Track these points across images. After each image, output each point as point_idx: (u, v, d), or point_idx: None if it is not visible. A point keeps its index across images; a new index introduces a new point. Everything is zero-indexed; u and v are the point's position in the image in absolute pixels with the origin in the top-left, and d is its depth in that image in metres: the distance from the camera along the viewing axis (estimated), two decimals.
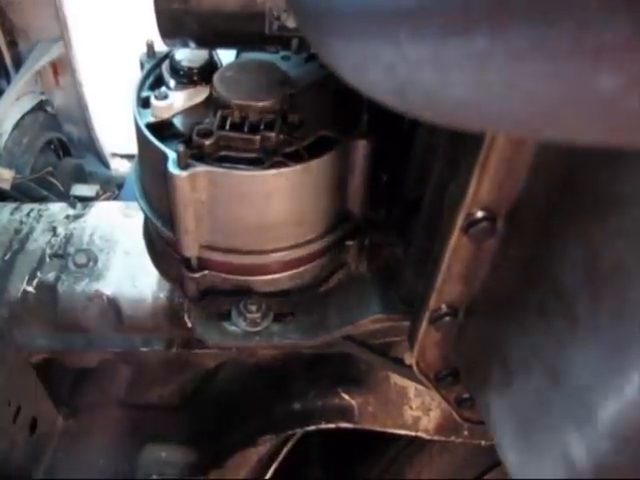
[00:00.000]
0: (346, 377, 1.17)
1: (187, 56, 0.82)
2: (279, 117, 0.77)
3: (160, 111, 0.79)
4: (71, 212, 1.22)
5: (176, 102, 0.79)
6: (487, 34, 0.26)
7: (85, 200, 1.54)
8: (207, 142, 0.75)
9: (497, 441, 0.61)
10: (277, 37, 0.73)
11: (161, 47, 0.82)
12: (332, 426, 1.14)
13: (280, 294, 0.88)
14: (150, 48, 0.85)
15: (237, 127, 0.76)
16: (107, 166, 2.25)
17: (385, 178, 0.90)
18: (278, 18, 0.71)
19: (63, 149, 2.13)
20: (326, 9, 0.33)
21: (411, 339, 0.74)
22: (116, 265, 1.12)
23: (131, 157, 2.17)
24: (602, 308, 0.45)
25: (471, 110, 0.29)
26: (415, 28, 0.28)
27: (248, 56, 0.85)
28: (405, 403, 1.15)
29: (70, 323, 1.09)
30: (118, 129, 2.06)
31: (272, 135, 0.75)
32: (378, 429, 1.15)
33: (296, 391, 1.19)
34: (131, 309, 1.09)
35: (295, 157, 0.76)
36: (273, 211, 0.78)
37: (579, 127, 0.27)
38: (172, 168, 0.72)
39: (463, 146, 0.56)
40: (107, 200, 1.84)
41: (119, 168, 2.25)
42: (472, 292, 0.65)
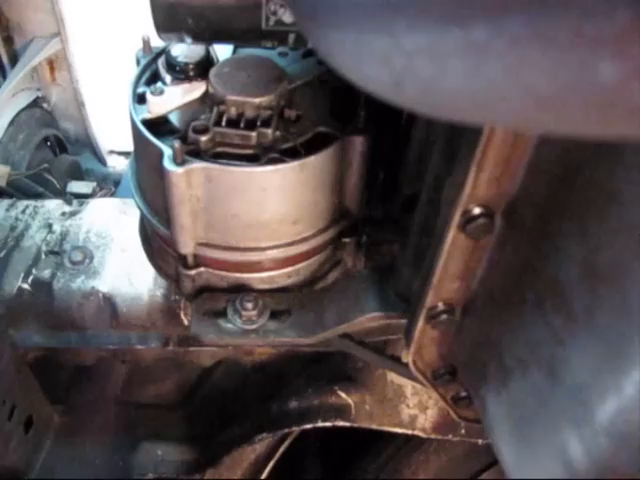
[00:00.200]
0: (343, 375, 1.17)
1: (183, 52, 0.81)
2: (276, 113, 0.77)
3: (156, 107, 0.78)
4: (67, 209, 1.22)
5: (172, 98, 0.79)
6: (485, 24, 0.25)
7: (81, 197, 1.54)
8: (203, 138, 0.74)
9: (494, 440, 0.60)
10: (274, 32, 0.73)
11: (157, 43, 0.81)
12: (329, 425, 1.13)
13: (276, 291, 0.88)
14: (146, 44, 0.85)
15: (233, 123, 0.76)
16: (103, 163, 2.25)
17: (382, 175, 0.90)
18: (275, 13, 0.70)
19: (59, 146, 2.13)
20: (322, 0, 0.33)
21: (408, 337, 0.73)
22: (112, 262, 1.12)
23: (128, 154, 2.17)
24: (600, 305, 0.44)
25: (468, 101, 0.28)
26: (411, 18, 0.27)
27: (245, 52, 0.85)
28: (402, 401, 1.15)
29: (66, 320, 1.09)
30: (115, 126, 2.06)
31: (268, 131, 0.75)
32: (375, 427, 1.14)
33: (293, 389, 1.19)
34: (127, 306, 1.08)
35: (292, 153, 0.75)
36: (269, 208, 0.77)
37: (579, 118, 0.27)
38: (168, 164, 0.72)
39: (460, 141, 0.56)
40: (103, 197, 1.84)
41: (115, 165, 2.25)
42: (469, 289, 0.65)
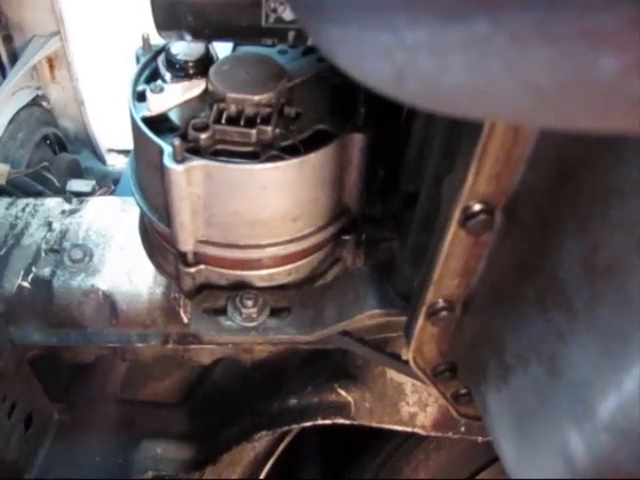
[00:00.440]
0: (342, 373, 1.17)
1: (183, 49, 0.81)
2: (275, 111, 0.77)
3: (156, 105, 0.78)
4: (67, 207, 1.21)
5: (172, 95, 0.79)
6: (487, 18, 0.25)
7: (81, 195, 1.54)
8: (203, 136, 0.74)
9: (494, 437, 0.60)
10: (273, 30, 0.73)
11: (157, 41, 0.81)
12: (328, 422, 1.14)
13: (276, 289, 0.88)
14: (146, 42, 0.85)
15: (233, 121, 0.76)
16: (103, 161, 2.25)
17: (382, 172, 0.90)
18: (274, 10, 0.70)
19: (59, 144, 2.12)
20: None
21: (408, 334, 0.73)
22: (112, 260, 1.12)
23: (127, 153, 2.17)
24: (601, 301, 0.44)
25: (470, 96, 0.28)
26: (413, 12, 0.27)
27: (244, 50, 0.85)
28: (402, 399, 1.14)
29: (65, 318, 1.09)
30: (114, 124, 2.06)
31: (268, 129, 0.75)
32: (374, 425, 1.15)
33: (292, 387, 1.19)
34: (127, 304, 1.08)
35: (291, 151, 0.75)
36: (269, 205, 0.77)
37: (580, 112, 0.27)
38: (168, 162, 0.72)
39: (460, 137, 0.55)
40: (103, 195, 1.84)
41: (115, 164, 2.25)
42: (469, 286, 0.65)
